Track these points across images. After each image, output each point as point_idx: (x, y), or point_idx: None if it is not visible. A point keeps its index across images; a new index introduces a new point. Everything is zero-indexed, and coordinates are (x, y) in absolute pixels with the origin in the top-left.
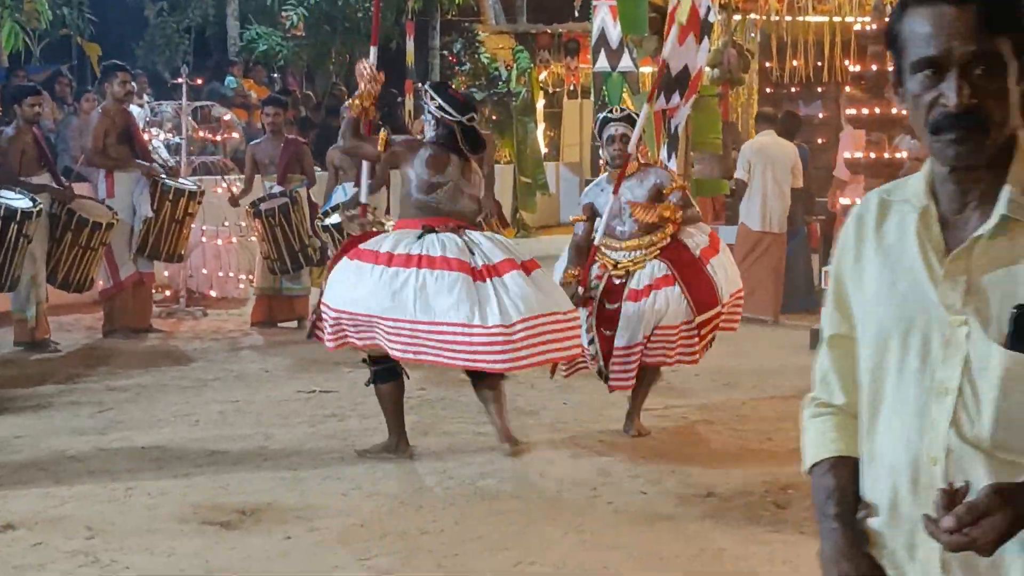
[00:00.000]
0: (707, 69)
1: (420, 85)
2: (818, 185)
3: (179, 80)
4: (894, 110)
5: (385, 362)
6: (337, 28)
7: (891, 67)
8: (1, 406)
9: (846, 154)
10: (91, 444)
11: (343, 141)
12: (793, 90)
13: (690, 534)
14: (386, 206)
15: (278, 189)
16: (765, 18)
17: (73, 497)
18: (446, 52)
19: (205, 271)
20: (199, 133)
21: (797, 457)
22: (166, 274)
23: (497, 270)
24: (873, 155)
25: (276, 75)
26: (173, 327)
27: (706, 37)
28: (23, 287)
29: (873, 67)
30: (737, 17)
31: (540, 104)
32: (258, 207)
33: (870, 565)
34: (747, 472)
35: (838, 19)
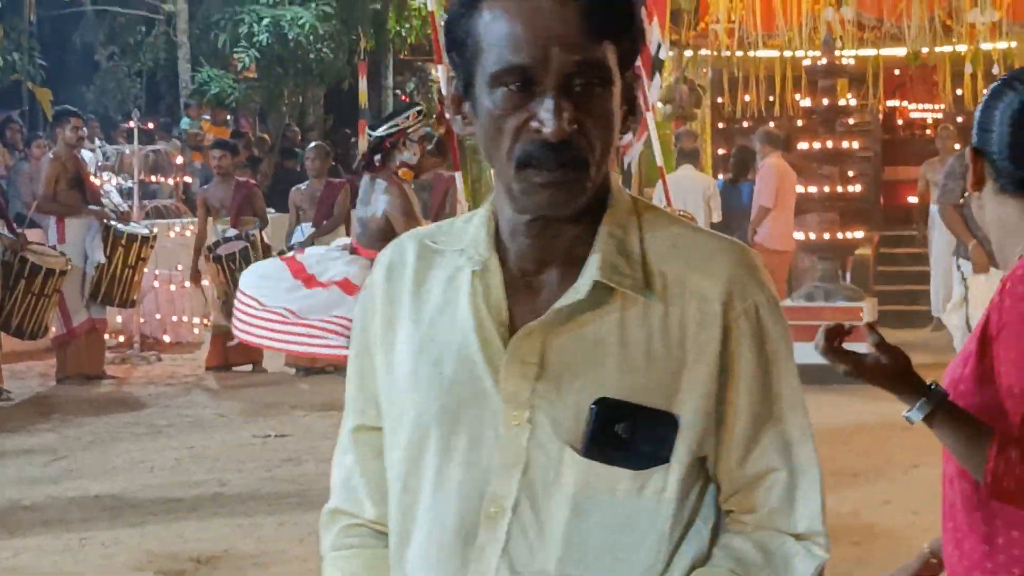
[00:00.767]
0: (659, 105)
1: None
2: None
3: (130, 124)
4: (845, 143)
5: None
6: (289, 70)
7: (449, 76)
8: None
9: (799, 188)
10: (45, 493)
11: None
12: (745, 124)
13: None
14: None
15: (232, 232)
16: (716, 54)
17: (27, 548)
18: (399, 91)
19: (158, 316)
20: (151, 177)
21: None
22: (119, 319)
23: None
24: (827, 189)
25: (229, 117)
26: (127, 373)
27: (657, 73)
28: None
29: (824, 101)
30: (688, 53)
31: None
32: (216, 252)
33: None
34: None
35: (788, 54)
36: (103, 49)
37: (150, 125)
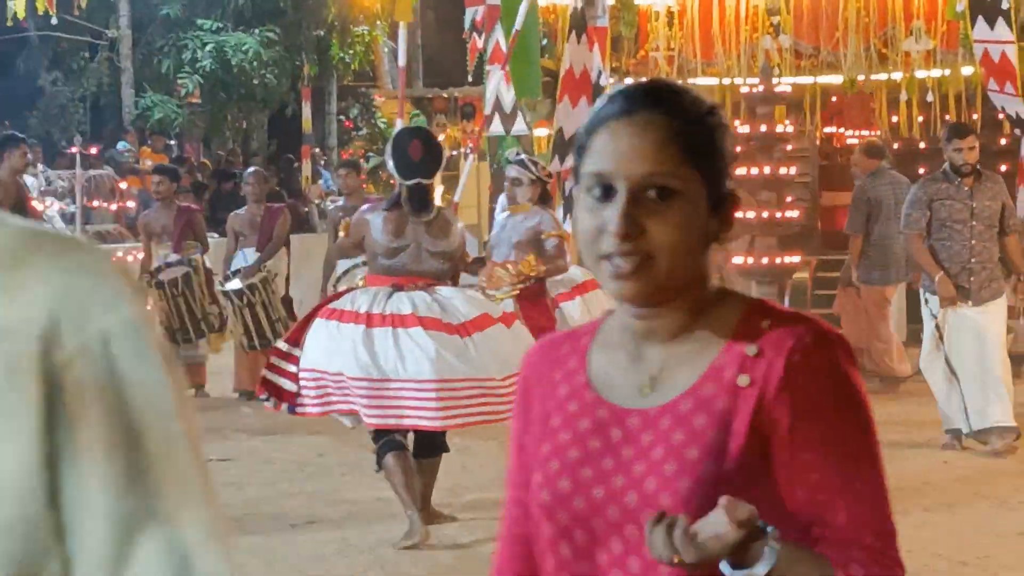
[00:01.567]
0: None
1: (316, 150)
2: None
3: (73, 149)
4: (783, 169)
5: (387, 434)
6: (232, 95)
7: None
8: None
9: (737, 214)
10: None
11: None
12: None
13: None
14: (286, 271)
15: (174, 257)
16: None
17: None
18: (343, 117)
19: None
20: (94, 202)
21: None
22: None
23: (474, 326)
24: (765, 214)
25: (173, 142)
26: None
27: (598, 100)
28: None
29: (762, 127)
30: (629, 80)
31: None
32: (158, 277)
33: None
34: None
35: (727, 81)
36: (47, 74)
37: (93, 150)
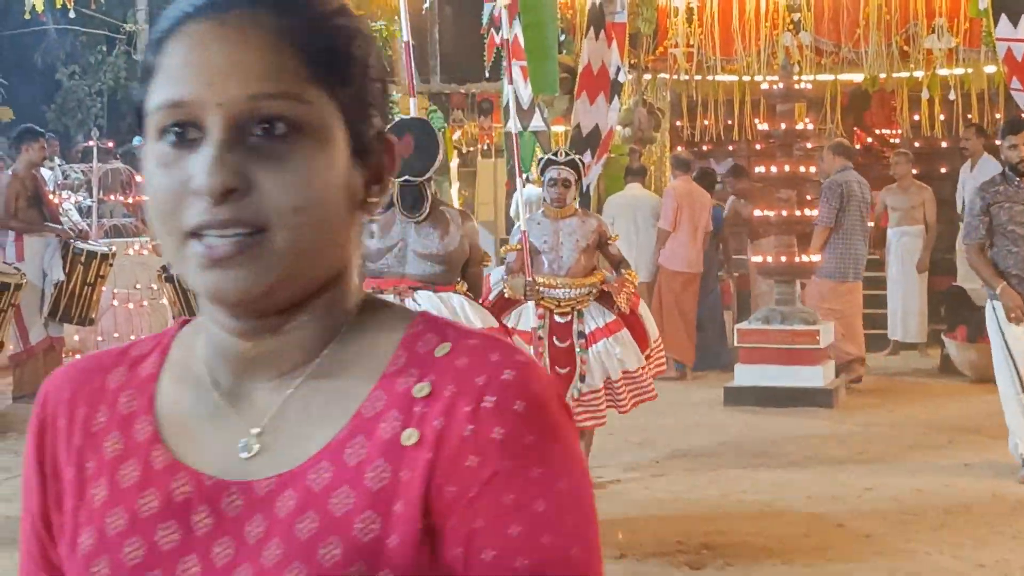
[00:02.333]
0: (618, 128)
1: None
2: (736, 242)
3: (90, 143)
4: (802, 167)
5: None
6: None
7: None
8: None
9: (756, 212)
10: None
11: None
12: (705, 148)
13: None
14: None
15: None
16: (675, 77)
17: None
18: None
19: (116, 334)
20: (111, 196)
21: (710, 515)
22: (76, 338)
23: None
24: (784, 213)
25: None
26: None
27: (616, 96)
28: None
29: (782, 125)
30: (647, 77)
31: (454, 164)
32: (169, 271)
33: None
34: (660, 532)
35: (747, 78)
36: (64, 68)
37: (110, 144)
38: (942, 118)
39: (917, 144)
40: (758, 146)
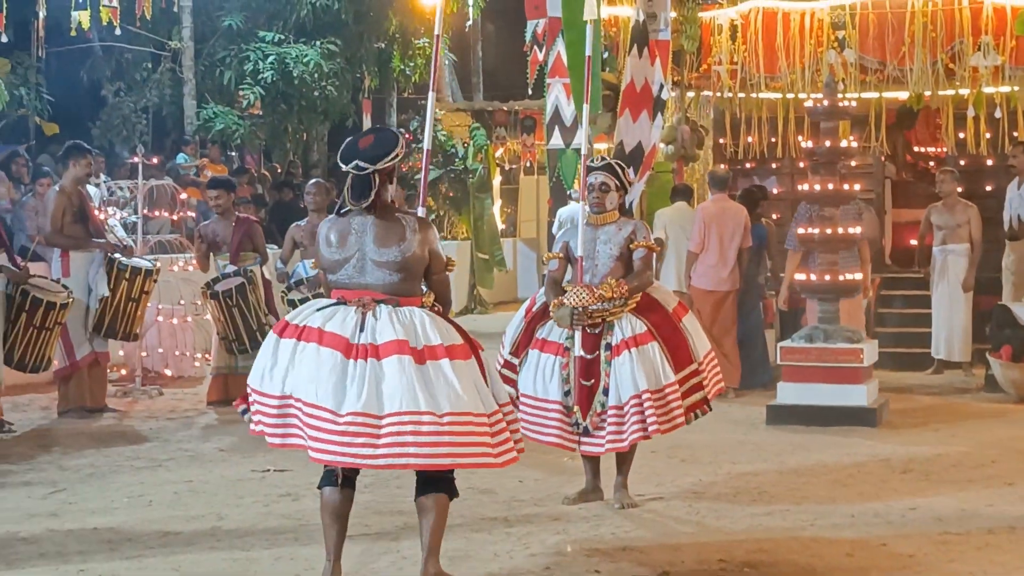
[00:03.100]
0: (661, 145)
1: None
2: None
3: (135, 159)
4: (846, 185)
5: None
6: (293, 106)
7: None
8: None
9: (799, 230)
10: (43, 525)
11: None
12: (748, 166)
13: None
14: None
15: (231, 268)
16: (718, 95)
17: None
18: (403, 129)
19: (161, 350)
20: (155, 212)
21: (752, 534)
22: (121, 353)
23: (376, 351)
24: (828, 231)
25: (234, 153)
26: (128, 406)
27: (660, 114)
28: None
29: (825, 143)
30: (690, 94)
31: (497, 181)
32: (214, 288)
33: None
34: (702, 550)
35: (791, 96)
36: (109, 85)
37: (154, 160)
38: (988, 136)
39: (963, 162)
40: (801, 164)
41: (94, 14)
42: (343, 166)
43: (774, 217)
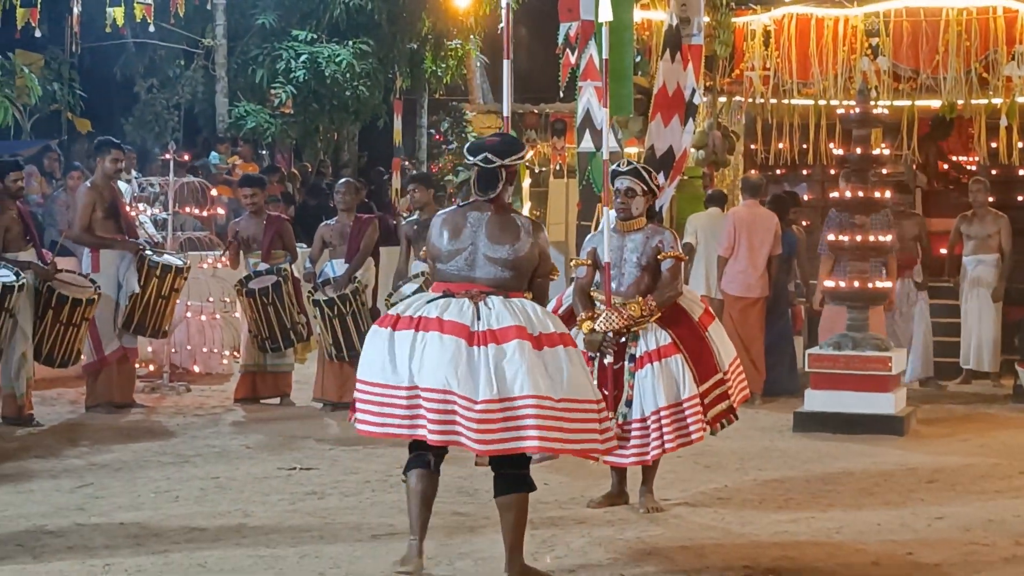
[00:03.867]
0: (692, 151)
1: (406, 163)
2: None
3: (167, 156)
4: (877, 193)
5: (415, 448)
6: (325, 106)
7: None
8: None
9: (830, 236)
10: (70, 519)
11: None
12: (779, 172)
13: None
14: (375, 283)
15: (264, 266)
16: (750, 100)
17: (49, 573)
18: (433, 131)
19: (189, 347)
20: (186, 208)
21: (778, 540)
22: (150, 349)
23: (496, 336)
24: (859, 238)
25: (264, 151)
26: (156, 402)
27: (691, 119)
28: (13, 363)
29: (857, 150)
30: (722, 99)
31: (526, 183)
32: (248, 286)
33: None
34: (727, 556)
35: (823, 102)
36: (142, 81)
37: (186, 157)
38: (1020, 146)
39: (994, 172)
40: (832, 171)
41: (128, 11)
42: (470, 158)
43: (804, 224)
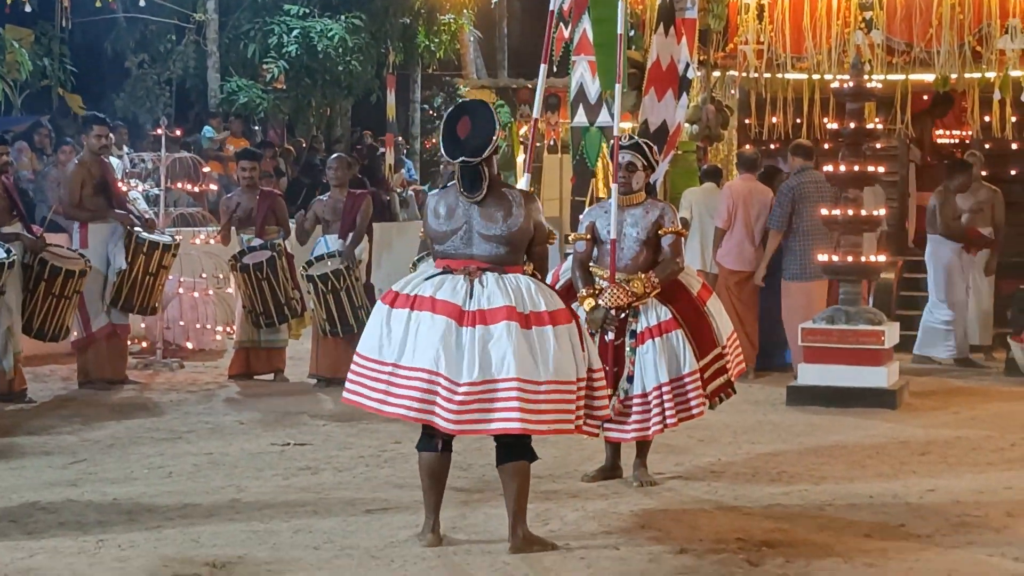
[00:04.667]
0: (686, 125)
1: (400, 139)
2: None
3: (158, 131)
4: (871, 167)
5: (425, 430)
6: (317, 81)
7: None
8: None
9: (823, 211)
10: (63, 495)
11: None
12: (772, 146)
13: None
14: (368, 258)
15: (257, 241)
16: (744, 75)
17: (43, 549)
18: (427, 106)
19: (182, 323)
20: (178, 184)
21: (771, 513)
22: (143, 326)
23: (485, 317)
24: (851, 212)
25: (257, 127)
26: (149, 379)
27: (685, 93)
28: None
29: (851, 124)
30: (716, 74)
31: (520, 159)
32: (242, 261)
33: None
34: (720, 528)
35: (816, 76)
36: (133, 56)
37: (178, 132)
38: (1014, 120)
39: (987, 146)
40: (826, 145)
41: None
42: (450, 161)
43: None
